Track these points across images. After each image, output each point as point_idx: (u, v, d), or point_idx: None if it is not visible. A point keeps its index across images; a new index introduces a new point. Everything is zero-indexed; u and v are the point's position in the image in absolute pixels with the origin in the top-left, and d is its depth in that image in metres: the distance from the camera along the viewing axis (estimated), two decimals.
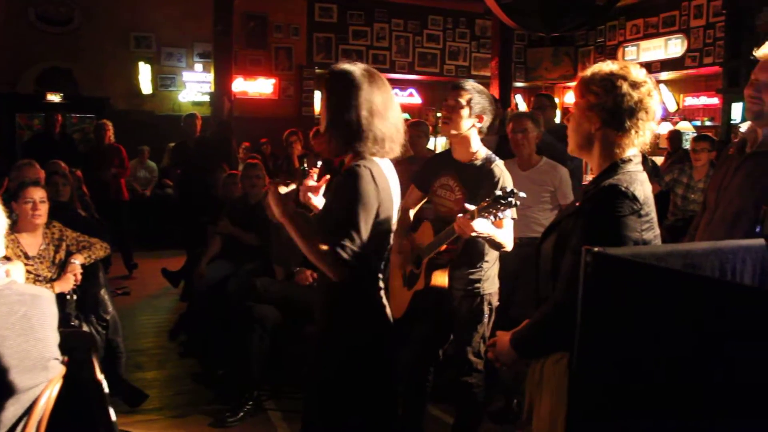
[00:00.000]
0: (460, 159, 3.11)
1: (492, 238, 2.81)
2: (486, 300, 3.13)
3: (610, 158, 1.90)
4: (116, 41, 10.35)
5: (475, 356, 3.16)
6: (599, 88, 1.84)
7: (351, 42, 11.89)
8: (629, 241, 1.76)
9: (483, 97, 3.02)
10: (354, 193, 2.11)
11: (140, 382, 4.16)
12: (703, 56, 10.25)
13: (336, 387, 2.19)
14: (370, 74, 2.20)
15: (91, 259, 3.84)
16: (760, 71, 2.38)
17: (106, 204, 6.89)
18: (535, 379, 1.95)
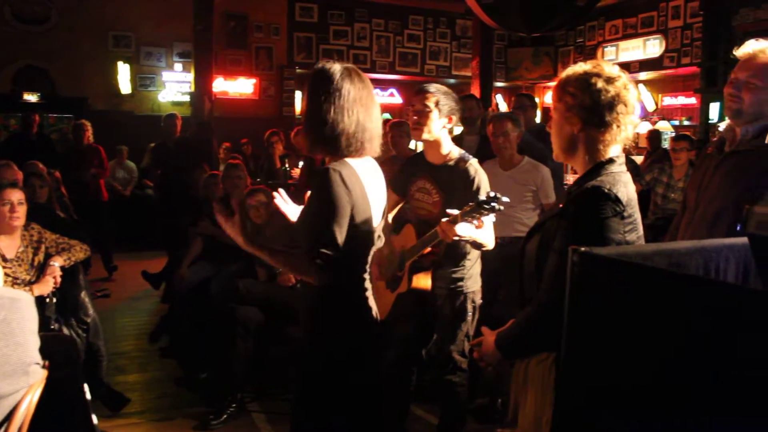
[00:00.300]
0: (433, 161, 3.12)
1: (474, 240, 2.81)
2: (469, 298, 3.15)
3: (594, 159, 1.90)
4: (94, 40, 10.23)
5: (460, 355, 3.17)
6: (575, 88, 1.85)
7: (332, 42, 11.87)
8: (612, 242, 1.77)
9: (449, 98, 3.04)
10: (323, 198, 2.09)
11: (121, 386, 4.11)
12: (681, 56, 10.36)
13: (320, 389, 2.18)
14: (349, 73, 2.19)
15: (70, 261, 3.78)
16: (740, 70, 2.41)
17: (85, 205, 6.80)
18: (520, 379, 1.96)
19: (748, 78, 2.36)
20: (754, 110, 2.36)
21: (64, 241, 3.84)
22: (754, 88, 2.35)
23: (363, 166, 2.22)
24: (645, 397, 1.39)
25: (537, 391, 1.86)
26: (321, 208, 2.09)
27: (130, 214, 8.82)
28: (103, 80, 10.29)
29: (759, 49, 2.38)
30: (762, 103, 2.36)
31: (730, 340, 1.21)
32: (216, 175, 5.65)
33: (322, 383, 2.18)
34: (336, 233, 2.06)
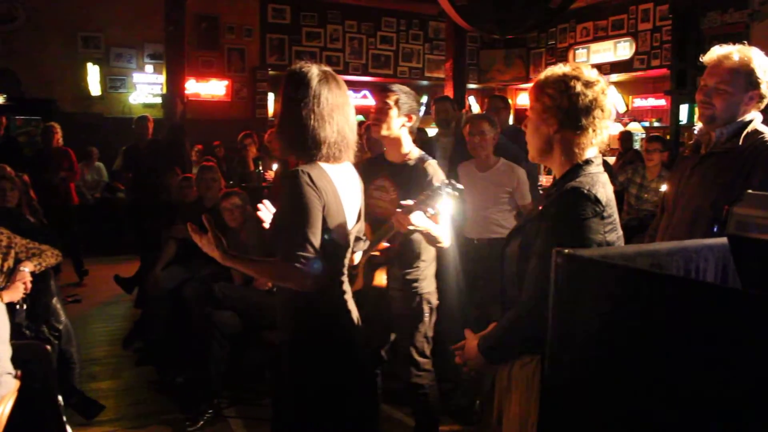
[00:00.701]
0: (393, 160, 3.14)
1: (429, 232, 2.83)
2: (425, 299, 3.15)
3: (570, 160, 1.91)
4: (62, 41, 10.05)
5: (421, 356, 3.18)
6: (553, 90, 1.86)
7: (304, 43, 11.82)
8: (593, 243, 1.77)
9: (410, 98, 3.07)
10: (293, 201, 2.06)
11: (95, 393, 4.03)
12: (651, 59, 10.51)
13: (310, 397, 2.15)
14: (326, 75, 2.17)
15: (41, 266, 3.70)
16: (708, 76, 2.44)
17: (55, 209, 6.67)
18: (504, 383, 1.95)
19: (717, 84, 2.40)
20: (727, 115, 2.41)
21: (35, 246, 3.76)
22: (724, 94, 2.39)
23: (336, 169, 2.20)
24: (631, 399, 1.39)
25: (521, 394, 1.85)
26: (292, 212, 2.06)
27: (101, 217, 8.70)
28: (72, 82, 10.12)
29: (723, 54, 2.41)
30: (733, 107, 2.39)
31: (712, 339, 1.22)
32: (189, 178, 5.59)
33: (313, 391, 2.15)
34: (309, 235, 2.03)
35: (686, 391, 1.27)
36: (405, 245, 3.06)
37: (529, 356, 1.85)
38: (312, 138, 2.10)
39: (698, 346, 1.25)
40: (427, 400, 3.22)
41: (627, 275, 1.44)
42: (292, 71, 2.17)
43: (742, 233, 1.73)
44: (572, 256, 1.49)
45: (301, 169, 2.08)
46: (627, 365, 1.38)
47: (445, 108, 5.27)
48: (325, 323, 2.19)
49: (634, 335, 1.36)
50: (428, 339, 3.19)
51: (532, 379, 1.82)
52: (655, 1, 10.37)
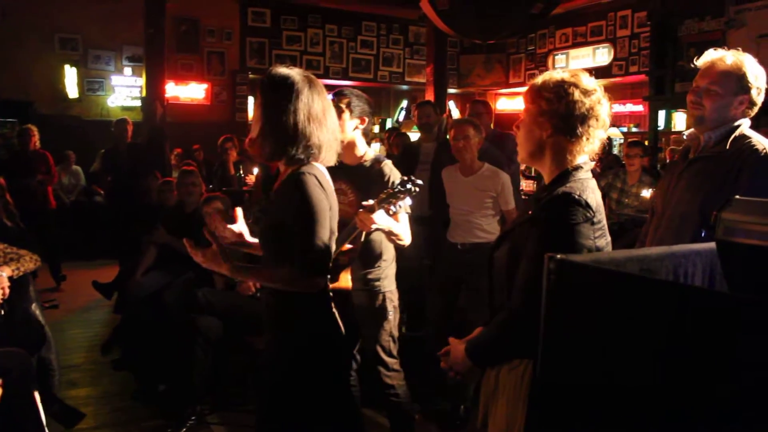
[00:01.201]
0: (349, 163, 3.16)
1: (391, 230, 2.90)
2: (388, 297, 3.20)
3: (561, 166, 1.91)
4: (39, 42, 9.91)
5: (388, 356, 3.21)
6: (551, 94, 1.86)
7: (285, 47, 11.79)
8: (583, 248, 1.78)
9: (362, 101, 3.12)
10: (306, 206, 2.06)
11: (74, 400, 3.97)
12: (629, 65, 10.63)
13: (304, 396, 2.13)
14: (309, 80, 2.17)
15: (19, 271, 3.63)
16: (700, 78, 2.47)
17: (32, 213, 6.57)
18: (491, 387, 1.95)
19: (709, 85, 2.42)
20: (716, 116, 2.42)
21: (13, 251, 3.69)
22: (714, 95, 2.41)
23: (324, 170, 2.23)
24: (622, 404, 1.40)
25: (509, 399, 1.85)
26: (306, 217, 2.06)
27: (78, 221, 8.58)
28: (49, 84, 10.00)
29: (717, 57, 2.45)
30: (723, 109, 2.41)
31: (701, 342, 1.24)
32: (170, 182, 5.54)
33: (298, 394, 2.14)
34: (324, 239, 2.07)
35: (677, 394, 1.28)
36: (366, 245, 3.11)
37: (517, 360, 1.85)
38: (307, 141, 2.11)
39: (687, 348, 1.26)
40: (399, 400, 3.25)
41: (618, 280, 1.45)
42: (272, 75, 2.15)
43: (730, 238, 1.75)
44: (564, 261, 1.49)
45: (307, 171, 2.10)
46: (618, 369, 1.38)
47: (428, 112, 5.27)
48: (318, 327, 2.20)
49: (624, 339, 1.37)
50: (394, 338, 3.24)
51: (520, 383, 1.82)
52: (634, 8, 10.49)
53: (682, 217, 2.44)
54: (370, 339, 3.21)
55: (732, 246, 1.77)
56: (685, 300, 1.30)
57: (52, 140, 8.11)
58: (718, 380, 1.21)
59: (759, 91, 2.42)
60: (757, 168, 2.34)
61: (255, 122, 2.20)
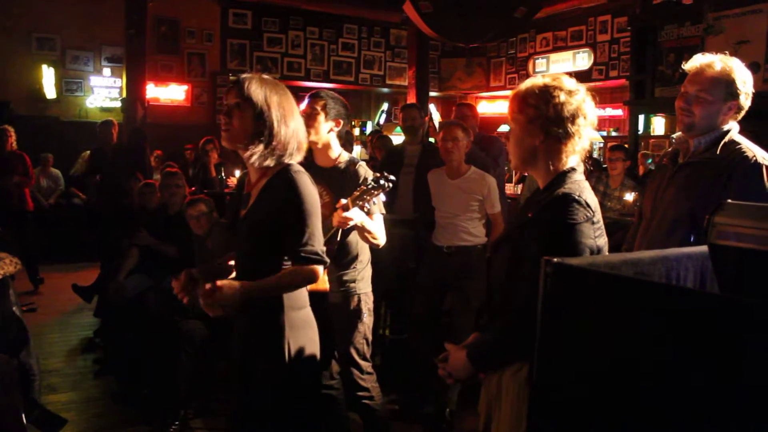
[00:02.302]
0: (323, 165, 3.18)
1: (364, 227, 2.92)
2: (363, 300, 3.20)
3: (555, 169, 1.93)
4: (16, 42, 9.76)
5: (362, 358, 3.20)
6: (537, 100, 1.88)
7: (266, 49, 11.73)
8: (585, 247, 1.80)
9: (337, 103, 3.13)
10: (302, 200, 2.14)
11: (55, 405, 3.90)
12: (609, 69, 10.73)
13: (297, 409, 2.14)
14: (275, 82, 2.26)
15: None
16: (689, 84, 2.47)
17: (9, 214, 6.47)
18: (493, 391, 1.94)
19: (698, 92, 2.43)
20: (706, 123, 2.43)
21: None
22: (704, 102, 2.42)
23: None
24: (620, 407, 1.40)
25: (513, 403, 1.84)
26: (303, 211, 2.14)
27: (56, 224, 8.46)
28: (26, 84, 9.84)
29: (705, 63, 2.45)
30: (712, 116, 2.43)
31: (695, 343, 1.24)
32: (151, 184, 5.48)
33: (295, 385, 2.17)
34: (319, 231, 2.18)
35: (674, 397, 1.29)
36: (341, 246, 3.11)
37: (520, 363, 1.84)
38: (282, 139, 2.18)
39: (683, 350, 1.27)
40: (372, 402, 3.24)
41: (613, 283, 1.46)
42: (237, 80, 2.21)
43: (723, 242, 1.77)
44: (561, 264, 1.50)
45: (296, 169, 2.17)
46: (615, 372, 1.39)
47: (413, 115, 5.26)
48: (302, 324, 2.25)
49: (621, 341, 1.38)
50: (368, 341, 3.23)
51: (524, 386, 1.82)
52: (613, 14, 10.59)
53: (671, 221, 2.45)
54: (343, 341, 3.20)
55: (724, 249, 1.79)
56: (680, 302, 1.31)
57: (30, 141, 7.98)
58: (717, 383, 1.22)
59: (747, 96, 2.44)
60: (747, 174, 2.35)
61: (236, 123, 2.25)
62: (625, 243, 2.78)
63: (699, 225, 2.36)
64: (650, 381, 1.32)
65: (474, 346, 1.96)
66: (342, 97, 3.21)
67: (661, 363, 1.30)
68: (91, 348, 5.05)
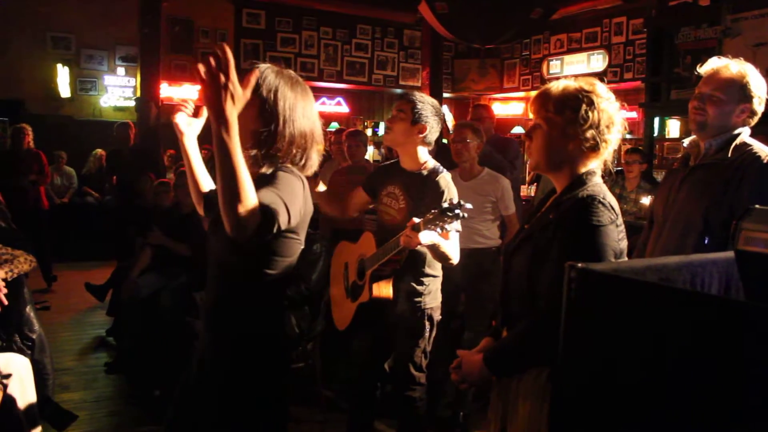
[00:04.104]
0: (407, 168, 3.11)
1: (438, 247, 2.80)
2: (427, 314, 3.11)
3: (577, 172, 1.91)
4: (31, 41, 9.82)
5: (417, 370, 3.15)
6: (578, 104, 1.85)
7: (279, 49, 11.74)
8: (610, 250, 1.78)
9: (426, 108, 3.03)
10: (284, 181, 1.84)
11: (67, 404, 3.88)
12: (624, 72, 10.65)
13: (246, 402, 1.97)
14: (293, 76, 2.02)
15: (14, 273, 3.56)
16: (704, 84, 2.49)
17: (24, 213, 6.49)
18: (510, 395, 1.91)
19: (712, 92, 2.44)
20: (718, 123, 2.44)
21: (7, 252, 3.62)
22: (717, 101, 2.43)
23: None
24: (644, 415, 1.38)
25: (531, 407, 1.81)
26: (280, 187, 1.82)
27: (70, 222, 8.50)
28: (41, 83, 9.90)
29: (721, 65, 2.48)
30: (725, 116, 2.44)
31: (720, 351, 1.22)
32: (166, 183, 5.48)
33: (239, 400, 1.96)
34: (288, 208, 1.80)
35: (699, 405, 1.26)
36: (412, 258, 3.01)
37: (539, 368, 1.81)
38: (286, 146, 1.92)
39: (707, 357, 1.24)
40: (417, 412, 3.19)
41: (638, 289, 1.43)
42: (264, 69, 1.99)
43: (750, 248, 1.74)
44: (585, 270, 1.47)
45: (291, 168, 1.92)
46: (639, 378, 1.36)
47: None
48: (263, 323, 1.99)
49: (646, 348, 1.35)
50: (426, 354, 3.16)
51: (544, 391, 1.79)
52: (629, 15, 10.51)
53: (684, 224, 2.45)
54: (402, 351, 3.15)
55: (752, 256, 1.76)
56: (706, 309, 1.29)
57: (44, 140, 8.02)
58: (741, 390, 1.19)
59: (760, 101, 2.45)
60: (760, 176, 2.36)
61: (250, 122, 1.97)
62: (636, 248, 2.76)
63: (712, 227, 2.36)
64: (676, 389, 1.30)
65: (491, 351, 1.93)
66: (435, 102, 3.10)
67: (687, 371, 1.28)
68: (103, 347, 5.04)
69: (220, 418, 1.94)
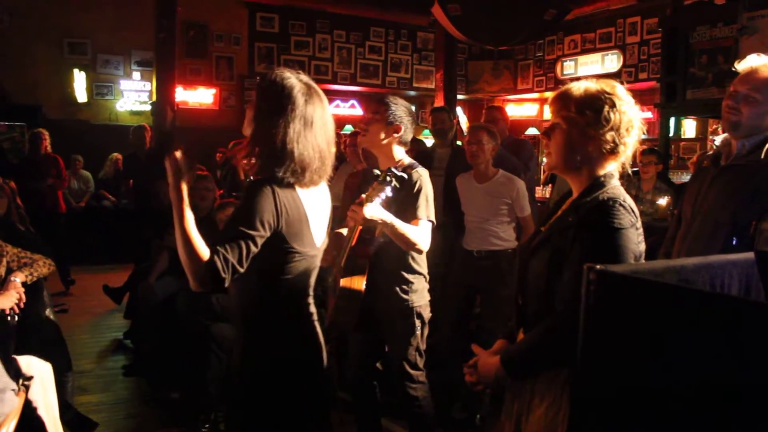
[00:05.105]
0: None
1: (394, 228, 2.77)
2: (416, 312, 3.14)
3: (595, 174, 1.90)
4: (48, 47, 9.90)
5: (413, 368, 3.17)
6: (599, 105, 1.83)
7: (293, 52, 11.77)
8: (630, 252, 1.77)
9: (399, 109, 3.08)
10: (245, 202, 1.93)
11: (86, 407, 3.94)
12: (638, 72, 10.59)
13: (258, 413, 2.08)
14: (308, 92, 2.01)
15: (33, 276, 3.60)
16: (740, 83, 2.42)
17: (42, 216, 6.56)
18: (525, 398, 1.90)
19: (749, 91, 2.37)
20: (752, 123, 2.38)
21: (27, 256, 3.67)
22: (753, 102, 2.36)
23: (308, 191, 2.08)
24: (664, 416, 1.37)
25: (547, 410, 1.80)
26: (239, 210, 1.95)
27: (87, 225, 8.58)
28: (58, 88, 9.98)
29: (761, 63, 2.40)
30: (760, 117, 2.37)
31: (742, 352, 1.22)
32: None
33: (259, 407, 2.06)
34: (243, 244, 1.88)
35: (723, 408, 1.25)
36: (392, 255, 3.02)
37: (556, 369, 1.80)
38: (292, 162, 1.96)
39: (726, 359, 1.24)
40: (422, 411, 3.22)
41: (657, 291, 1.42)
42: (271, 82, 2.00)
43: None
44: (604, 272, 1.47)
45: (269, 182, 1.94)
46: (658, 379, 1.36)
47: (442, 118, 5.24)
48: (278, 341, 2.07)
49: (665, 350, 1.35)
50: (420, 352, 3.19)
51: (562, 393, 1.78)
52: (643, 15, 10.45)
53: (713, 224, 2.41)
54: (396, 353, 3.18)
55: None
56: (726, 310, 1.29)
57: (61, 144, 8.11)
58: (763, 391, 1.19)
59: None
60: None
61: (247, 125, 2.07)
62: (663, 246, 2.72)
63: (741, 229, 2.32)
64: (695, 391, 1.29)
65: (508, 353, 1.92)
66: (407, 104, 3.16)
67: (706, 372, 1.27)
68: (121, 349, 5.08)
69: None
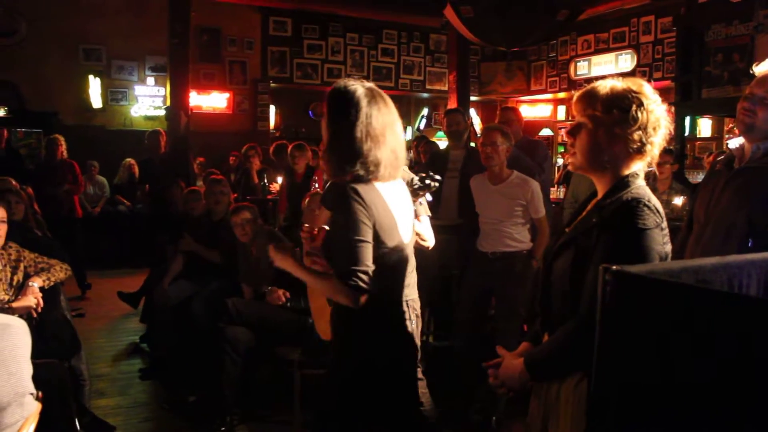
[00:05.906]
0: None
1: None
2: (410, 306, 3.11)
3: (620, 174, 1.87)
4: (64, 54, 10.00)
5: None
6: (627, 104, 1.81)
7: (306, 56, 11.80)
8: (655, 253, 1.74)
9: None
10: (345, 218, 2.10)
11: (103, 410, 3.96)
12: (653, 71, 10.51)
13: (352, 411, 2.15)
14: (371, 94, 2.18)
15: (50, 281, 3.63)
16: (756, 86, 2.40)
17: (59, 222, 6.62)
18: (551, 402, 1.88)
19: (765, 94, 2.36)
20: (767, 127, 2.36)
21: (44, 261, 3.70)
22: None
23: (387, 186, 2.22)
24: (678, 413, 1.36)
25: (573, 415, 1.78)
26: (344, 229, 2.09)
27: (103, 230, 8.64)
28: (73, 94, 10.06)
29: None
30: None
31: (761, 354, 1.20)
32: (197, 191, 5.53)
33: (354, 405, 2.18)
34: (361, 252, 2.07)
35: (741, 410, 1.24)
36: None
37: (582, 373, 1.78)
38: (365, 158, 2.12)
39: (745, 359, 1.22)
40: (422, 409, 3.17)
41: (674, 291, 1.41)
42: (337, 91, 2.18)
43: None
44: (620, 272, 1.46)
45: (349, 185, 2.11)
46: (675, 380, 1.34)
47: (457, 120, 5.23)
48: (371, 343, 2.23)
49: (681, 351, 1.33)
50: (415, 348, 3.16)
51: (587, 397, 1.76)
52: (657, 14, 10.38)
53: (727, 227, 2.38)
54: None
55: None
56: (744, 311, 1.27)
57: (77, 150, 8.16)
58: None
59: None
60: None
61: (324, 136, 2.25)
62: (673, 250, 2.69)
63: (757, 230, 2.29)
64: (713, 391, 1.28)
65: (532, 356, 1.90)
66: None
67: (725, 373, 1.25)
68: (137, 353, 5.11)
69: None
